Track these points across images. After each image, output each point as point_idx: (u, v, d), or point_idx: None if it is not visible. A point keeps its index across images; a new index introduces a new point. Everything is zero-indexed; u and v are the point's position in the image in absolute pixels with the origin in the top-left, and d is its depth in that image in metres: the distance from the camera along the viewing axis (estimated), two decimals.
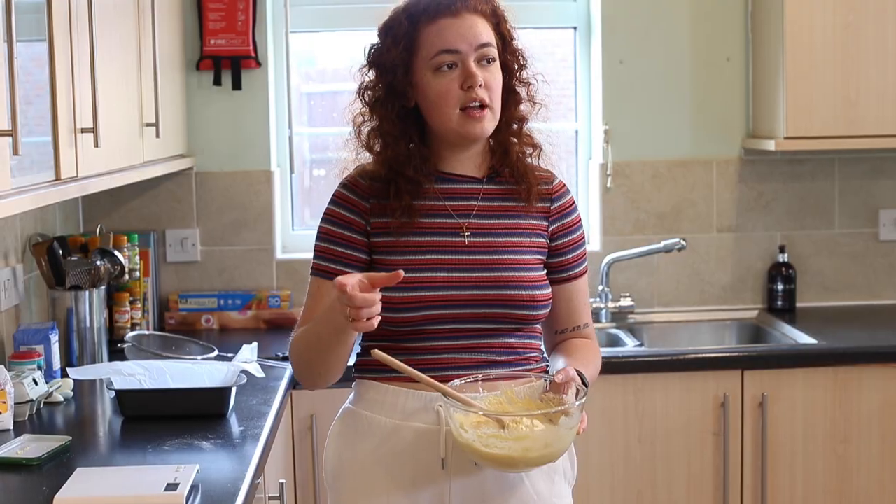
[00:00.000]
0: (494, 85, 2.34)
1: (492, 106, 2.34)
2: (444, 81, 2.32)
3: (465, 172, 2.43)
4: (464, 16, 2.32)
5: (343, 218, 2.41)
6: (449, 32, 2.32)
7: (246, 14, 4.13)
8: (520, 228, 2.42)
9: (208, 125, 4.21)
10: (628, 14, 4.28)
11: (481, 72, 2.32)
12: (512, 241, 2.39)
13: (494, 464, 2.20)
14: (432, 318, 2.33)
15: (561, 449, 2.19)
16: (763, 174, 4.37)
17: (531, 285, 2.37)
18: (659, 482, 3.70)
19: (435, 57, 2.32)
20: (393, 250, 2.37)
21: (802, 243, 4.41)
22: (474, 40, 2.32)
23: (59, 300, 3.45)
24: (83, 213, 4.14)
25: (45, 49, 2.41)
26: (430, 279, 2.34)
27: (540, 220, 2.44)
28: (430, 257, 2.36)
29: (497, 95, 2.35)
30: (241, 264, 4.25)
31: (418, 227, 2.38)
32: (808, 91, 3.99)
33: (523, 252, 2.40)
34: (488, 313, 2.35)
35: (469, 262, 2.36)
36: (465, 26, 2.32)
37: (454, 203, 2.40)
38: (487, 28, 2.35)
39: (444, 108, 2.33)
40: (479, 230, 2.39)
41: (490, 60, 2.34)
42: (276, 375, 3.33)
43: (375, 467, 2.37)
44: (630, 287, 4.34)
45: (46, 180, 2.46)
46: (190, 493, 2.22)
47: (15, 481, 2.40)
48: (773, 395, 3.70)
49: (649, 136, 4.34)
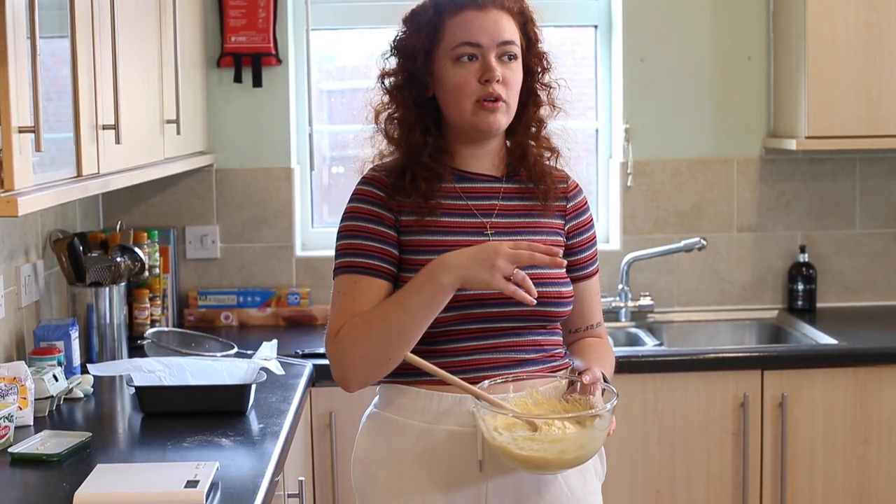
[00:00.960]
0: (513, 81, 2.34)
1: (507, 101, 2.33)
2: (462, 72, 2.31)
3: (483, 171, 2.43)
4: (489, 10, 2.32)
5: (372, 213, 2.37)
6: (472, 25, 2.31)
7: (267, 11, 4.13)
8: (540, 227, 2.42)
9: (229, 122, 4.21)
10: (649, 12, 4.27)
11: (501, 67, 2.31)
12: (534, 239, 2.36)
13: (528, 466, 2.18)
14: (462, 317, 2.31)
15: (594, 450, 2.20)
16: (784, 173, 4.35)
17: (556, 282, 2.37)
18: (678, 482, 3.69)
19: (456, 48, 2.32)
20: (419, 249, 2.35)
21: (823, 243, 4.39)
22: (497, 36, 2.31)
23: (79, 296, 3.45)
24: (103, 210, 4.15)
25: (67, 46, 2.42)
26: None
27: (557, 220, 2.45)
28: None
29: (514, 92, 2.35)
30: (261, 261, 4.26)
31: (443, 226, 2.36)
32: (830, 90, 3.97)
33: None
34: (516, 311, 2.32)
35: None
36: (489, 20, 2.31)
37: (476, 202, 2.40)
38: (512, 26, 2.34)
39: (460, 99, 2.32)
40: (502, 229, 2.38)
41: (511, 58, 2.34)
42: (296, 373, 3.34)
43: (410, 469, 2.35)
44: (650, 286, 4.33)
45: (68, 177, 2.46)
46: (210, 490, 2.22)
47: (35, 477, 2.40)
48: (793, 395, 3.68)
49: (670, 134, 4.33)
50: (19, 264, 3.23)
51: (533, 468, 2.19)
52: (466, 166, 2.42)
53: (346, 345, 2.31)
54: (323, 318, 4.18)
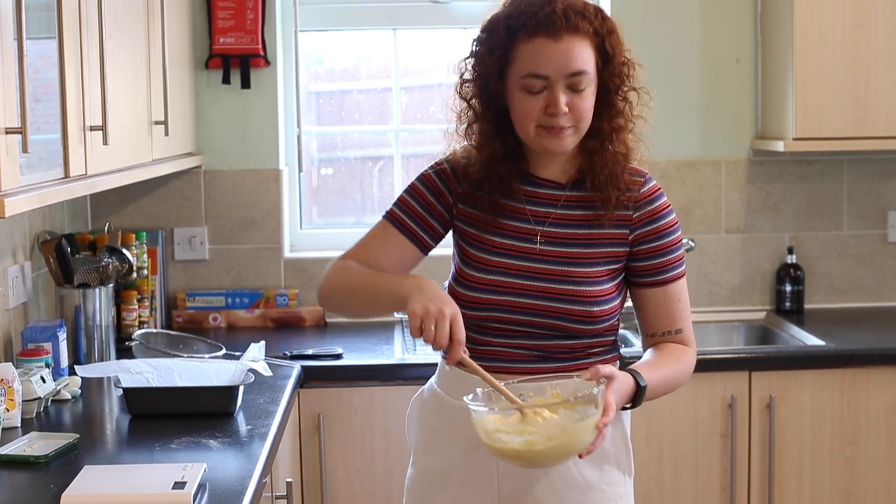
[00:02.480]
0: (581, 108, 2.30)
1: (575, 126, 2.31)
2: (529, 101, 2.30)
3: (550, 177, 2.43)
4: (562, 38, 2.26)
5: (435, 186, 2.47)
6: (542, 56, 2.27)
7: (255, 13, 4.13)
8: (594, 239, 2.40)
9: (217, 123, 4.21)
10: (638, 14, 4.27)
11: (569, 96, 2.28)
12: (584, 252, 2.39)
13: (505, 458, 2.19)
14: (493, 318, 2.38)
15: (570, 441, 2.14)
16: (772, 175, 4.36)
17: (590, 300, 2.36)
18: (666, 483, 3.70)
19: (524, 77, 2.29)
20: (472, 243, 2.43)
21: (811, 245, 4.40)
22: (566, 68, 2.27)
23: (67, 298, 3.45)
24: (91, 211, 4.14)
25: (54, 47, 2.41)
26: (496, 283, 2.38)
27: (619, 230, 2.40)
28: (501, 260, 2.40)
29: (584, 117, 2.32)
30: (249, 263, 4.25)
31: (499, 227, 2.41)
32: (818, 92, 3.98)
33: (594, 264, 2.39)
34: (544, 322, 2.37)
35: (536, 271, 2.37)
36: (559, 51, 2.26)
37: (534, 208, 2.41)
38: (586, 50, 2.28)
39: (525, 124, 2.32)
40: (552, 238, 2.39)
41: (581, 87, 2.29)
42: (284, 374, 3.34)
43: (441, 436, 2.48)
44: None
45: (55, 178, 2.46)
46: (197, 491, 2.22)
47: (22, 479, 2.40)
48: (781, 396, 3.69)
49: (658, 136, 4.29)
50: (7, 266, 3.23)
51: (511, 460, 2.19)
52: (535, 170, 2.43)
53: (333, 277, 2.47)
54: (311, 319, 4.19)
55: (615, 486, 2.44)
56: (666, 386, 2.42)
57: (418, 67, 4.48)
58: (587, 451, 2.18)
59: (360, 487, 3.61)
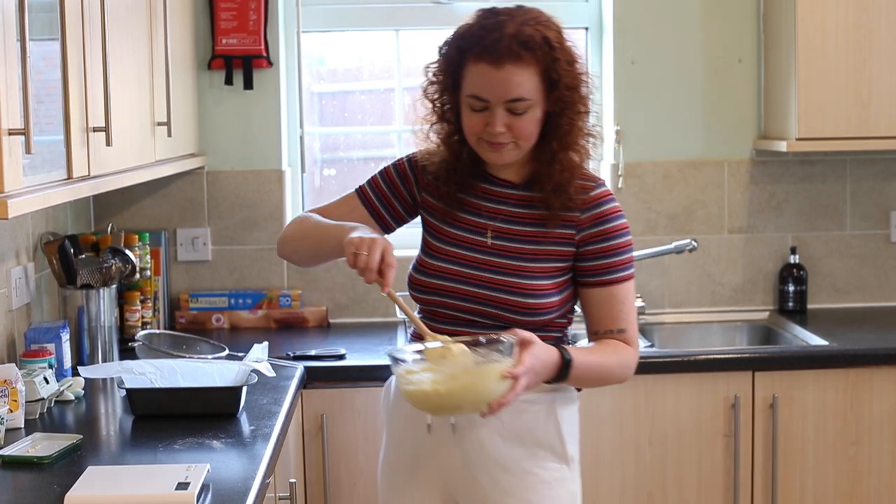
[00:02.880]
0: (519, 128, 2.45)
1: (515, 142, 2.47)
2: (472, 117, 2.47)
3: (505, 177, 2.60)
4: (504, 66, 2.39)
5: (404, 172, 2.69)
6: (484, 80, 2.42)
7: (258, 14, 4.13)
8: (541, 237, 2.55)
9: (220, 124, 4.21)
10: (640, 15, 4.28)
11: (508, 118, 2.43)
12: (530, 248, 2.54)
13: (416, 403, 2.34)
14: (441, 303, 2.57)
15: (473, 384, 2.27)
16: (774, 175, 4.36)
17: (527, 293, 2.51)
18: (669, 483, 3.69)
19: (468, 96, 2.46)
20: (432, 232, 2.65)
21: (814, 245, 4.40)
22: (504, 95, 2.41)
23: (70, 299, 3.45)
24: (94, 212, 4.14)
25: (57, 48, 2.41)
26: (446, 270, 2.58)
27: (566, 230, 2.54)
28: (453, 250, 2.59)
29: (523, 136, 2.46)
30: (252, 263, 4.25)
31: (456, 219, 2.61)
32: (820, 92, 3.98)
33: (538, 260, 2.54)
34: (485, 311, 2.53)
35: (484, 262, 2.55)
36: (499, 79, 2.40)
37: (488, 204, 2.59)
38: (528, 79, 2.41)
39: (469, 136, 2.51)
40: (502, 233, 2.56)
41: (520, 111, 2.43)
42: (287, 375, 3.34)
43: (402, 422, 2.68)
44: (641, 288, 4.33)
45: (58, 179, 2.46)
46: (200, 492, 2.22)
47: (26, 479, 2.40)
48: (784, 396, 3.69)
49: (661, 136, 4.34)
50: (10, 267, 3.23)
51: (421, 405, 2.34)
52: (492, 169, 2.60)
53: (291, 225, 2.73)
54: (314, 320, 4.19)
55: (551, 470, 2.58)
56: (598, 373, 2.54)
57: (421, 68, 4.46)
58: (498, 403, 2.29)
59: (363, 488, 3.61)
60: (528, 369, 2.32)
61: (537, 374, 2.37)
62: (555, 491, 2.58)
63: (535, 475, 2.57)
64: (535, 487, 2.57)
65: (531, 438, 2.57)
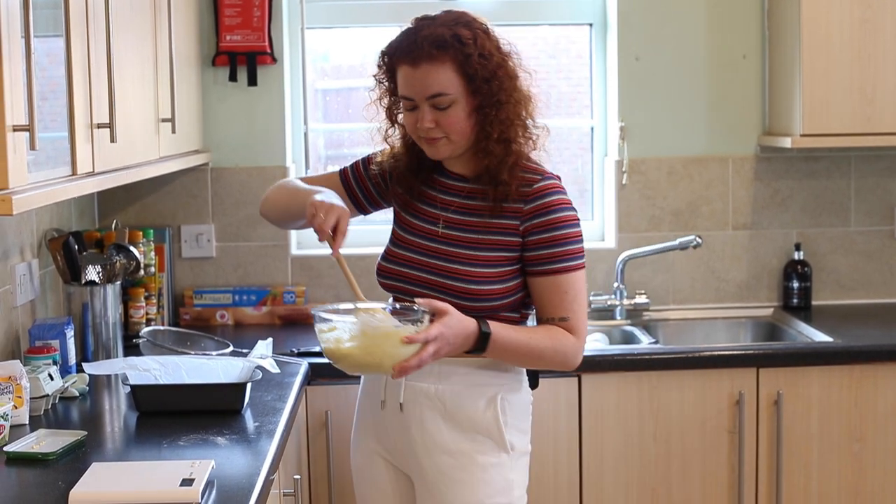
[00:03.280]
0: (446, 122, 2.60)
1: (446, 136, 2.63)
2: (408, 116, 2.66)
3: (458, 171, 2.75)
4: (420, 66, 2.58)
5: (382, 161, 2.87)
6: (407, 81, 2.61)
7: (262, 10, 4.13)
8: (487, 227, 2.67)
9: (224, 121, 4.21)
10: (644, 10, 4.27)
11: (435, 113, 2.59)
12: (476, 237, 2.67)
13: (329, 357, 2.48)
14: (397, 288, 2.74)
15: (372, 345, 2.42)
16: (779, 171, 4.36)
17: (469, 279, 2.64)
18: (674, 480, 3.69)
19: (401, 97, 2.66)
20: (396, 221, 2.84)
21: (818, 241, 4.40)
22: (424, 91, 2.59)
23: (74, 295, 3.45)
24: (98, 209, 4.15)
25: (61, 45, 2.42)
26: (402, 257, 2.76)
27: (511, 221, 2.65)
28: (410, 238, 2.76)
29: (455, 129, 2.61)
30: (256, 260, 4.25)
31: (415, 210, 2.79)
32: (825, 88, 3.97)
33: (482, 249, 2.66)
34: (432, 295, 2.63)
35: (434, 250, 2.71)
36: (417, 77, 2.58)
37: (443, 196, 2.75)
38: (445, 75, 2.57)
39: (411, 134, 2.71)
40: (452, 223, 2.71)
41: (443, 106, 2.59)
42: (292, 371, 3.34)
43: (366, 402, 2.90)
44: (645, 284, 4.34)
45: (63, 175, 2.46)
46: (205, 488, 2.22)
47: (30, 475, 2.40)
48: (789, 392, 3.69)
49: (665, 132, 4.34)
50: (14, 263, 3.23)
51: (335, 360, 2.48)
52: (447, 164, 2.77)
53: (272, 188, 2.96)
54: None
55: (488, 455, 2.70)
56: (526, 352, 2.63)
57: None
58: (400, 366, 2.43)
59: None
60: (437, 336, 2.44)
61: (450, 344, 2.49)
62: (489, 475, 2.69)
63: (472, 459, 2.69)
64: (469, 470, 2.68)
65: (470, 423, 2.69)
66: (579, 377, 3.63)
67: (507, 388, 2.72)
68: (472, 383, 2.69)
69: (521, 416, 2.77)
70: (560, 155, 4.51)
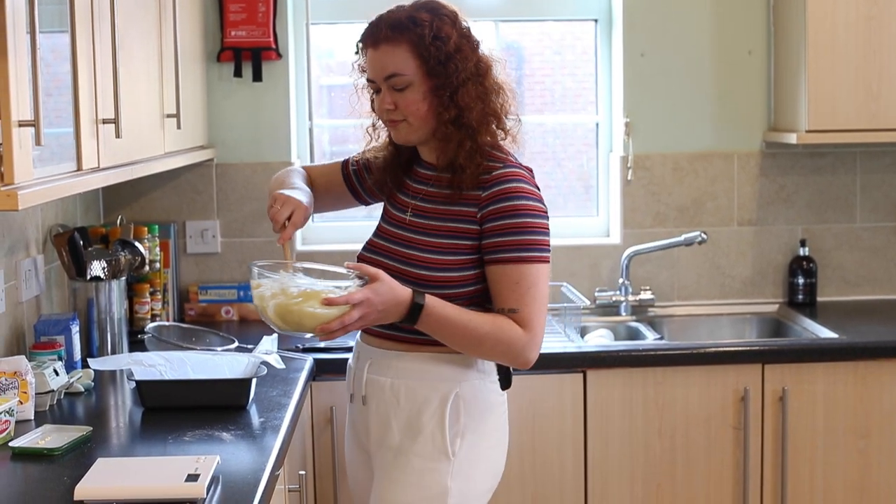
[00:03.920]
0: (403, 106, 2.63)
1: (405, 119, 2.66)
2: (375, 100, 2.71)
3: (428, 160, 2.77)
4: (380, 48, 2.64)
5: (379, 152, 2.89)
6: (369, 63, 2.67)
7: (266, 6, 4.13)
8: (448, 214, 2.67)
9: (229, 117, 4.21)
10: (649, 6, 4.27)
11: (393, 95, 2.63)
12: (437, 224, 2.67)
13: (258, 311, 2.54)
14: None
15: (290, 304, 2.45)
16: (784, 167, 4.35)
17: (424, 265, 2.64)
18: (679, 475, 3.69)
19: (368, 81, 2.71)
20: (382, 211, 2.88)
21: (823, 237, 4.39)
22: (381, 72, 2.64)
23: (79, 291, 3.46)
24: (103, 204, 4.15)
25: (66, 41, 2.41)
26: (376, 245, 2.79)
27: (470, 208, 2.63)
28: (385, 226, 2.80)
29: (410, 113, 2.64)
30: (262, 256, 4.24)
31: (394, 199, 2.82)
32: (831, 84, 3.97)
33: (441, 236, 2.65)
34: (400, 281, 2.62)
35: (401, 237, 2.72)
36: (376, 58, 2.64)
37: (415, 185, 2.78)
38: (402, 56, 2.61)
39: (379, 118, 2.76)
40: (419, 211, 2.72)
41: (399, 87, 2.62)
42: (296, 367, 3.34)
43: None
44: (650, 280, 4.33)
45: (68, 171, 2.46)
46: (210, 483, 2.22)
47: (36, 471, 2.41)
48: (794, 389, 3.68)
49: (670, 128, 4.33)
50: (20, 259, 3.24)
51: (259, 313, 2.53)
52: (421, 154, 2.80)
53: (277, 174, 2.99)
54: None
55: (426, 459, 2.66)
56: (462, 334, 2.58)
57: None
58: (321, 328, 2.45)
59: None
60: (362, 301, 2.45)
61: (378, 311, 2.49)
62: (423, 480, 2.65)
63: (408, 459, 2.67)
64: (405, 470, 2.67)
65: (417, 424, 2.67)
66: (584, 373, 3.63)
67: (466, 387, 2.67)
68: (427, 379, 2.66)
69: (481, 418, 2.70)
70: (565, 151, 4.51)
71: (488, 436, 2.72)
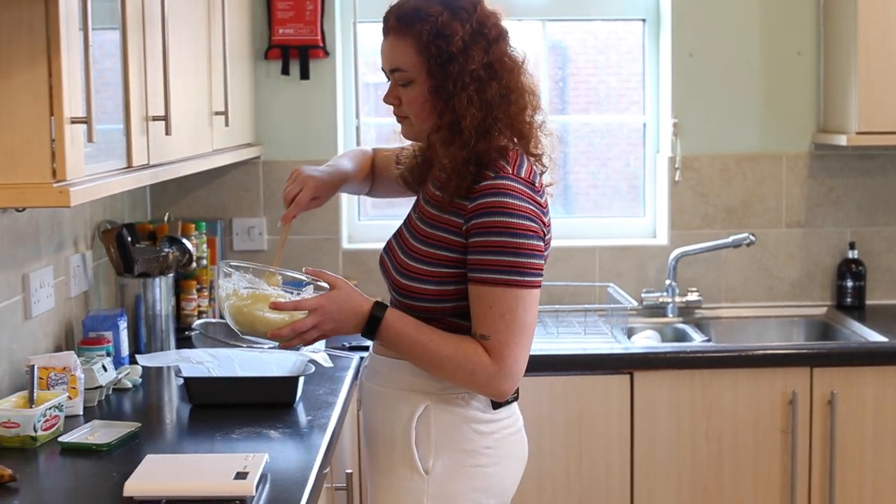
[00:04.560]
0: (406, 102, 2.46)
1: (408, 118, 2.49)
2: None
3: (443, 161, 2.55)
4: (388, 38, 2.47)
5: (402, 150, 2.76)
6: (381, 54, 2.50)
7: (314, 4, 4.13)
8: (441, 222, 2.43)
9: (276, 114, 4.22)
10: (698, 6, 4.25)
11: (397, 90, 2.48)
12: (427, 230, 2.46)
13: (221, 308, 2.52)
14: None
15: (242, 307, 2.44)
16: (833, 169, 4.32)
17: (404, 272, 2.46)
18: (726, 479, 3.67)
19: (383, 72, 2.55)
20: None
21: (873, 239, 4.35)
22: (386, 64, 2.49)
23: (127, 287, 3.47)
24: (151, 201, 4.16)
25: (116, 38, 2.43)
26: (388, 242, 2.62)
27: (457, 218, 2.39)
28: (399, 227, 2.61)
29: (414, 109, 2.46)
30: (308, 254, 4.26)
31: (417, 196, 2.64)
32: (881, 85, 3.93)
33: (427, 244, 2.44)
34: (388, 286, 2.56)
35: (403, 239, 2.54)
36: (385, 49, 2.48)
37: (431, 188, 2.55)
38: (405, 50, 2.42)
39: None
40: (421, 214, 2.53)
41: (403, 82, 2.45)
42: (343, 365, 3.33)
43: None
44: (697, 282, 4.31)
45: (118, 168, 2.47)
46: (259, 481, 2.22)
47: (85, 466, 2.42)
48: (843, 393, 3.65)
49: (718, 129, 4.31)
50: (69, 254, 3.25)
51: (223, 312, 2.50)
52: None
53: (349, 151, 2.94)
54: None
55: (401, 479, 2.47)
56: (421, 352, 2.39)
57: None
58: (273, 334, 2.38)
59: None
60: (316, 308, 2.36)
61: (334, 320, 2.37)
62: (399, 496, 2.47)
63: (384, 474, 2.52)
64: (382, 484, 2.52)
65: (391, 439, 2.49)
66: (631, 374, 3.61)
67: (439, 400, 2.46)
68: (402, 389, 2.49)
69: (461, 436, 2.46)
70: (609, 151, 4.50)
71: (477, 454, 2.47)
